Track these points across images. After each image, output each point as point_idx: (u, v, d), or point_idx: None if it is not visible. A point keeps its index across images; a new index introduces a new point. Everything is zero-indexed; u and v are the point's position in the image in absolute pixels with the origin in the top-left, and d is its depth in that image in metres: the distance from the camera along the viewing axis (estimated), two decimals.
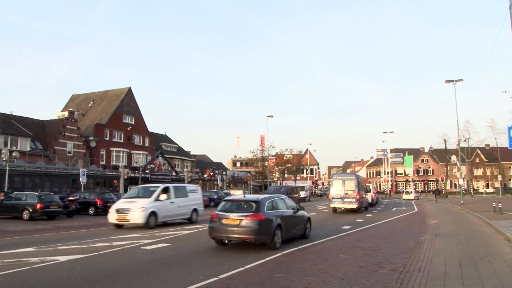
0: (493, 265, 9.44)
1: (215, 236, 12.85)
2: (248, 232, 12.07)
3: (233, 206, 13.05)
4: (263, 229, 12.14)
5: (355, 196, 29.62)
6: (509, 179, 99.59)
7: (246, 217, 12.15)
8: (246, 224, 12.08)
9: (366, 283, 7.91)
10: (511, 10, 14.34)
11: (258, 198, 13.37)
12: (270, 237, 12.33)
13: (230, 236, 12.52)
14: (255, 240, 12.34)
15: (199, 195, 23.96)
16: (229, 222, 12.32)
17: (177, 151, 70.21)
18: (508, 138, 14.02)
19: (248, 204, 12.95)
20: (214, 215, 12.89)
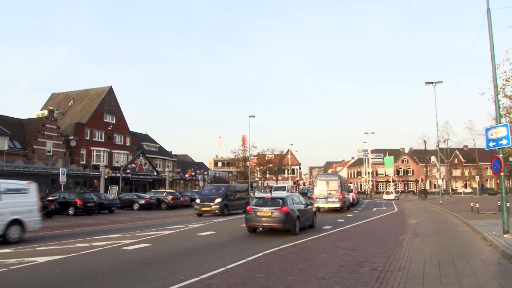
0: (471, 264, 9.61)
1: (251, 225, 16.67)
2: (277, 221, 16.00)
3: (264, 202, 16.88)
4: (288, 219, 16.06)
5: (338, 196, 30.24)
6: (486, 179, 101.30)
7: (276, 210, 16.03)
8: (276, 215, 15.97)
9: (346, 283, 7.96)
10: (488, 15, 14.59)
11: (283, 196, 17.33)
12: (293, 225, 16.32)
13: (263, 225, 16.41)
14: (282, 227, 16.15)
15: (31, 197, 15.69)
16: (262, 214, 16.21)
17: (158, 151, 69.74)
18: (486, 139, 14.24)
19: (276, 200, 16.77)
20: (249, 209, 16.80)
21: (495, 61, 14.57)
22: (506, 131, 13.32)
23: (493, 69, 14.63)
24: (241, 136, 71.30)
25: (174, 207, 38.03)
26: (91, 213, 29.25)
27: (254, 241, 14.86)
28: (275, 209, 16.12)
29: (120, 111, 57.28)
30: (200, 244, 13.99)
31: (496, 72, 14.85)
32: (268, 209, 16.23)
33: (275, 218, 15.98)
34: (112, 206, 31.62)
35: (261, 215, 16.24)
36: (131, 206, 35.77)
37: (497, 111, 14.87)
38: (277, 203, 16.52)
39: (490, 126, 14.76)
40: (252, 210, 16.56)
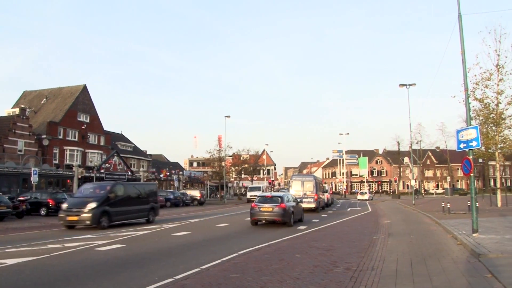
0: (441, 263, 9.82)
1: (255, 219, 20.27)
2: (277, 215, 19.60)
3: (266, 200, 20.42)
4: (286, 213, 19.67)
5: (313, 196, 30.54)
6: (457, 180, 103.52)
7: (276, 206, 19.63)
8: (276, 211, 19.57)
9: (321, 282, 8.04)
10: (459, 20, 14.92)
11: (281, 195, 21.20)
12: (289, 218, 19.92)
13: (266, 218, 19.99)
14: (281, 220, 19.78)
15: None
16: (265, 209, 19.79)
17: (133, 151, 68.98)
18: (456, 141, 14.55)
19: (275, 198, 20.39)
20: (254, 205, 20.34)
21: (465, 65, 14.90)
22: (476, 133, 13.65)
23: (464, 72, 14.96)
24: (217, 136, 71.12)
25: None
26: None
27: (229, 241, 14.87)
28: (275, 205, 19.70)
29: (94, 110, 56.44)
30: (174, 244, 13.92)
31: (467, 76, 15.19)
32: (270, 205, 19.79)
33: (276, 212, 19.57)
34: None
35: (264, 210, 19.78)
36: None
37: (468, 114, 15.22)
38: (276, 200, 20.05)
39: (461, 128, 15.11)
40: (256, 206, 20.10)
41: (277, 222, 20.02)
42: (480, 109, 29.35)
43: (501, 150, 30.76)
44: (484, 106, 29.07)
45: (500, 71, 28.16)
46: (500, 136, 29.22)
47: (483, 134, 28.16)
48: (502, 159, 33.70)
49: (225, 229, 19.32)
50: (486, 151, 30.94)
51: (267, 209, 19.74)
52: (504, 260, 9.21)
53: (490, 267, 8.58)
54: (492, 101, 28.75)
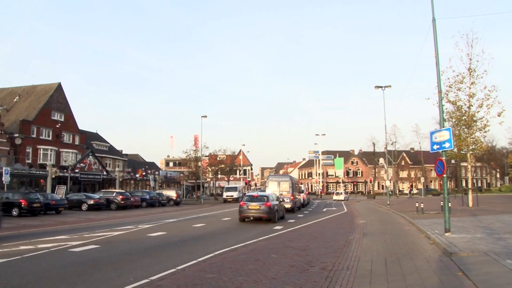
0: (415, 262, 9.99)
1: (244, 216, 22.25)
2: (263, 212, 21.63)
3: (253, 199, 22.39)
4: (271, 211, 21.74)
5: (289, 196, 30.66)
6: (431, 181, 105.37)
7: (263, 205, 21.69)
8: (263, 208, 21.61)
9: (296, 282, 8.09)
10: (433, 24, 15.20)
11: (267, 195, 23.20)
12: (274, 215, 21.97)
13: (254, 215, 21.98)
14: (267, 217, 21.78)
15: None
16: (252, 207, 21.84)
17: (108, 150, 68.13)
18: (430, 142, 14.82)
19: (262, 197, 22.40)
20: (242, 203, 22.40)
21: (439, 68, 15.18)
22: (449, 135, 13.93)
23: (437, 75, 15.24)
24: (193, 136, 70.75)
25: (124, 207, 37.36)
26: (36, 214, 28.17)
27: (205, 242, 14.82)
28: (262, 203, 21.76)
29: (69, 109, 55.55)
30: (150, 245, 13.82)
31: (440, 79, 15.48)
32: (257, 204, 21.85)
33: (262, 210, 21.61)
34: (59, 206, 30.60)
35: (251, 208, 21.84)
36: (80, 207, 34.80)
37: (441, 116, 15.51)
38: (263, 199, 22.12)
39: (435, 129, 15.36)
40: (244, 204, 22.16)
41: (263, 219, 22.02)
42: (453, 111, 29.93)
43: (473, 152, 31.40)
44: (456, 109, 29.65)
45: (472, 74, 28.77)
46: (471, 138, 29.84)
47: (455, 136, 28.73)
48: (473, 161, 34.44)
49: (201, 229, 19.26)
50: (459, 152, 31.55)
51: (255, 207, 21.75)
52: (474, 258, 9.43)
53: (461, 266, 8.78)
54: (464, 104, 29.35)
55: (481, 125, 29.42)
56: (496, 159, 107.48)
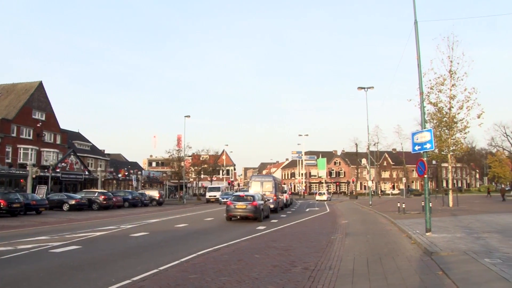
0: (396, 261, 10.10)
1: (231, 215, 22.93)
2: (250, 212, 22.40)
3: (240, 198, 23.34)
4: (257, 210, 22.59)
5: (272, 197, 30.71)
6: (412, 181, 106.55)
7: (249, 204, 22.51)
8: (249, 208, 22.41)
9: (279, 282, 8.11)
10: (415, 26, 15.39)
11: (253, 194, 24.14)
12: (260, 215, 22.85)
13: (240, 214, 22.67)
14: (253, 216, 22.57)
15: None
16: (239, 207, 22.59)
17: (90, 150, 67.41)
18: (412, 143, 14.99)
19: (248, 197, 23.40)
20: (229, 203, 23.06)
21: (421, 69, 15.37)
22: (430, 136, 14.10)
23: (419, 77, 15.43)
24: (176, 136, 70.34)
25: (106, 207, 37.02)
26: (16, 214, 27.73)
27: (188, 242, 14.77)
28: (248, 203, 22.60)
29: (51, 108, 54.80)
30: (132, 245, 13.73)
31: (422, 80, 15.67)
32: (243, 203, 22.66)
33: (249, 209, 22.38)
34: (39, 207, 30.18)
35: (238, 207, 22.60)
36: (61, 207, 34.36)
37: (422, 117, 15.71)
38: (249, 199, 23.07)
39: (416, 130, 15.54)
40: (231, 204, 22.89)
41: (249, 218, 22.74)
42: (434, 112, 30.36)
43: (453, 153, 31.87)
44: (437, 110, 30.09)
45: (452, 76, 29.24)
46: (452, 139, 30.29)
47: (436, 137, 29.12)
48: (454, 161, 34.95)
49: (184, 229, 19.18)
50: (439, 153, 32.00)
51: (241, 207, 22.55)
52: (454, 258, 9.56)
53: (441, 265, 8.89)
54: (445, 105, 29.80)
55: (461, 127, 29.91)
56: (475, 160, 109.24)
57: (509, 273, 7.51)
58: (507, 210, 26.69)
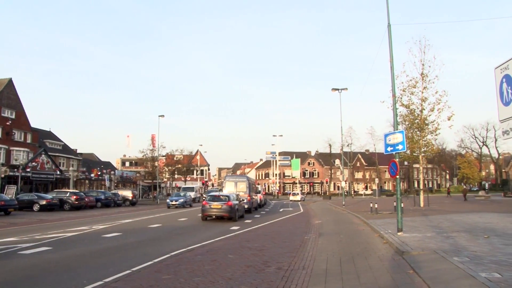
0: (368, 261, 10.24)
1: (206, 215, 23.05)
2: (225, 211, 22.61)
3: (215, 198, 23.46)
4: (232, 210, 22.80)
5: (246, 197, 30.73)
6: (385, 182, 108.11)
7: (225, 204, 22.72)
8: (224, 208, 22.61)
9: (253, 282, 8.14)
10: (389, 29, 15.64)
11: (228, 195, 24.37)
12: (235, 214, 23.05)
13: (216, 214, 22.86)
14: (228, 216, 22.74)
15: None
16: (214, 207, 22.75)
17: (62, 149, 66.18)
18: (384, 144, 15.22)
19: (224, 197, 23.57)
20: (205, 203, 23.43)
21: (394, 72, 15.62)
22: (402, 137, 14.34)
23: (392, 80, 15.67)
24: (150, 136, 69.73)
25: (78, 208, 36.39)
26: None
27: (161, 242, 14.67)
28: (224, 203, 22.80)
29: (21, 106, 53.59)
30: (105, 246, 13.55)
31: (394, 83, 15.94)
32: (218, 203, 22.85)
33: (224, 209, 22.61)
34: (8, 207, 29.46)
35: (214, 207, 22.78)
36: (31, 207, 33.62)
37: (395, 119, 15.96)
38: (224, 199, 23.27)
39: (389, 132, 15.77)
40: (207, 204, 23.15)
41: (225, 217, 22.97)
42: (406, 114, 30.89)
43: (425, 154, 32.46)
44: (410, 112, 30.63)
45: (424, 79, 29.83)
46: (423, 140, 30.88)
47: (408, 138, 29.63)
48: (425, 162, 35.55)
49: (157, 230, 19.03)
50: (411, 154, 32.59)
51: (217, 206, 22.76)
52: (424, 257, 9.74)
53: (412, 264, 9.06)
54: (417, 107, 30.36)
55: (432, 128, 30.52)
56: (445, 161, 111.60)
57: (475, 270, 7.70)
58: (475, 210, 27.34)
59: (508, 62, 5.47)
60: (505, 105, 5.63)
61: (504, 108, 5.69)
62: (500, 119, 5.82)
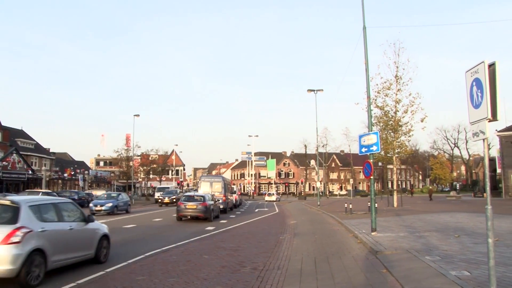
0: (343, 260, 10.35)
1: (181, 215, 23.10)
2: (200, 212, 22.61)
3: (190, 199, 23.53)
4: (207, 210, 22.86)
5: (222, 197, 30.67)
6: (359, 182, 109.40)
7: (200, 204, 22.74)
8: (200, 208, 22.61)
9: (228, 282, 8.14)
10: (364, 32, 15.86)
11: (203, 195, 24.21)
12: (210, 215, 23.11)
13: (191, 214, 22.83)
14: (203, 216, 22.72)
15: None
16: (190, 207, 22.78)
17: (34, 148, 64.89)
18: (359, 145, 15.41)
19: (199, 197, 23.59)
20: (180, 203, 23.49)
21: (368, 74, 15.84)
22: (376, 138, 14.55)
23: (367, 81, 15.90)
24: (125, 135, 68.99)
25: None
26: None
27: (136, 243, 14.54)
28: (199, 203, 22.81)
29: None
30: None
31: (369, 85, 16.16)
32: (194, 203, 22.86)
33: (199, 209, 22.59)
34: None
35: (189, 207, 22.78)
36: None
37: (369, 120, 16.18)
38: (199, 199, 23.25)
39: (363, 133, 15.98)
40: (182, 204, 23.17)
41: (200, 218, 22.90)
42: (381, 116, 31.31)
43: (398, 155, 32.97)
44: (384, 114, 31.05)
45: (398, 81, 30.29)
46: (397, 141, 31.35)
47: (382, 140, 30.04)
48: (398, 163, 36.09)
49: (131, 230, 18.82)
50: (385, 155, 33.07)
51: (192, 207, 22.73)
52: (397, 256, 9.92)
53: (385, 263, 9.20)
54: (391, 109, 30.81)
55: (406, 130, 31.01)
56: (418, 162, 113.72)
57: (446, 269, 7.89)
58: (446, 210, 27.87)
59: (478, 66, 5.60)
60: (475, 108, 5.75)
61: (474, 110, 5.80)
62: (471, 121, 5.95)
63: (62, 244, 8.69)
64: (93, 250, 9.96)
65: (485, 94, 5.45)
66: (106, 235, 10.82)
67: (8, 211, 7.94)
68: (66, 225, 9.03)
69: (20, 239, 7.40)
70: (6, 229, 7.41)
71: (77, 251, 9.31)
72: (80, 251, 9.42)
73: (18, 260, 7.28)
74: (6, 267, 7.19)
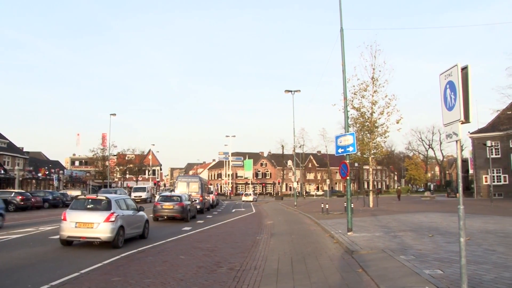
0: (319, 260, 10.44)
1: (158, 215, 22.82)
2: (177, 212, 22.44)
3: (167, 199, 23.25)
4: (184, 210, 22.70)
5: (199, 197, 30.59)
6: (336, 182, 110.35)
7: (176, 204, 22.54)
8: (176, 208, 22.45)
9: (204, 283, 8.12)
10: (341, 33, 16.02)
11: (180, 195, 23.91)
12: (187, 215, 22.96)
13: (168, 215, 22.64)
14: (180, 216, 22.59)
15: None
16: (166, 207, 22.54)
17: (7, 147, 63.56)
18: (335, 146, 15.54)
19: (176, 197, 23.36)
20: (157, 203, 23.12)
21: (345, 75, 16.01)
22: (353, 139, 14.69)
23: (343, 83, 16.05)
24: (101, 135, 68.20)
25: (24, 208, 34.98)
26: None
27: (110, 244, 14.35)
28: (176, 203, 22.66)
29: None
30: (52, 248, 13.11)
31: (346, 86, 16.34)
32: (170, 204, 22.68)
33: (176, 210, 22.48)
34: None
35: (165, 207, 22.60)
36: None
37: (346, 121, 16.33)
38: (176, 199, 23.09)
39: (340, 134, 16.12)
40: (158, 204, 22.95)
41: (176, 218, 22.83)
42: (357, 117, 31.69)
43: (374, 156, 33.41)
44: (360, 115, 31.44)
45: (374, 83, 30.71)
46: (373, 142, 31.76)
47: (359, 141, 30.39)
48: (374, 164, 36.58)
49: None
50: (362, 156, 33.45)
51: (168, 207, 22.60)
52: (373, 255, 10.04)
53: (361, 262, 9.32)
54: (367, 110, 31.20)
55: (382, 131, 31.45)
56: (394, 163, 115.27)
57: (420, 268, 8.03)
58: (420, 210, 28.34)
59: (452, 69, 5.72)
60: (449, 110, 5.87)
61: (448, 112, 5.93)
62: (444, 123, 6.07)
63: (130, 223, 13.75)
64: (141, 230, 15.06)
65: (458, 97, 5.56)
66: (147, 220, 15.84)
67: (104, 203, 13.07)
68: (130, 212, 14.26)
69: (114, 219, 12.42)
70: (106, 213, 12.47)
71: (136, 229, 14.49)
72: (136, 229, 14.59)
73: (113, 231, 12.34)
74: (108, 235, 12.23)
